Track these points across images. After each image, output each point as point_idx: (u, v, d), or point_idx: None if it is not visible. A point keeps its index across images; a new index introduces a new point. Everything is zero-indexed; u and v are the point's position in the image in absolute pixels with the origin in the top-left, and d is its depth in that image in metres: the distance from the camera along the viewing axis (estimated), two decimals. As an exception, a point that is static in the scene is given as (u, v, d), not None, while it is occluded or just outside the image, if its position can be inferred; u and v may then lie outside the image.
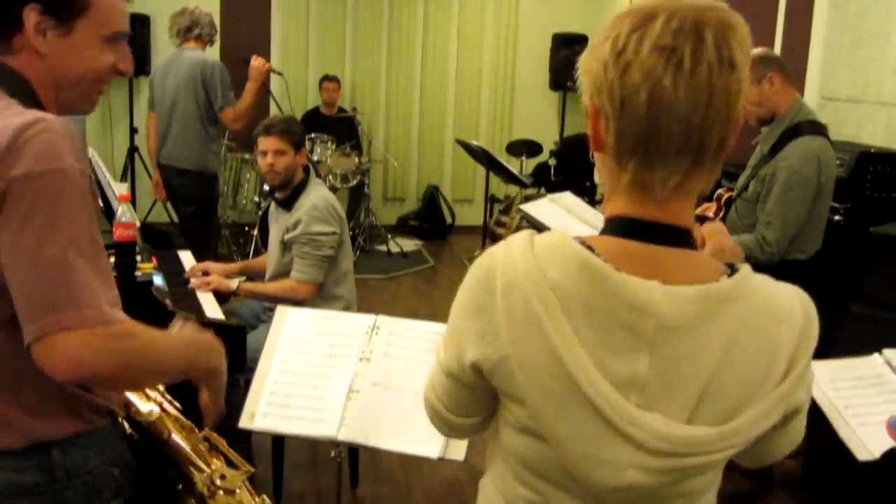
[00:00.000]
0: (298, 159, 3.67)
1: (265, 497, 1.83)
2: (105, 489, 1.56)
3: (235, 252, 7.12)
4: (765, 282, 1.17)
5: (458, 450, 2.30)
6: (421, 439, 2.31)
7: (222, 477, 1.76)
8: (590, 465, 1.13)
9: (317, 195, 3.67)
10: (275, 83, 5.64)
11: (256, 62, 5.20)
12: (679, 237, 1.16)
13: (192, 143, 5.24)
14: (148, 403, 1.81)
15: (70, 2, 1.48)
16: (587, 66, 1.17)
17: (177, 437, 1.78)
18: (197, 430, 1.84)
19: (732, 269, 1.16)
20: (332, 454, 2.55)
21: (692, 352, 1.11)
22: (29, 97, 1.49)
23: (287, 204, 3.71)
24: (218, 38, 5.39)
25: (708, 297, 1.10)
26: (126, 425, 1.73)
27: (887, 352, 2.50)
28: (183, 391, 1.82)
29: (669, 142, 1.10)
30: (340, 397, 2.41)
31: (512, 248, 1.15)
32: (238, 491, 1.76)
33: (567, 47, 8.71)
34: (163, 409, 1.82)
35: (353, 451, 3.71)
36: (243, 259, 6.28)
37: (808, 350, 1.15)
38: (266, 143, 3.63)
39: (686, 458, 1.11)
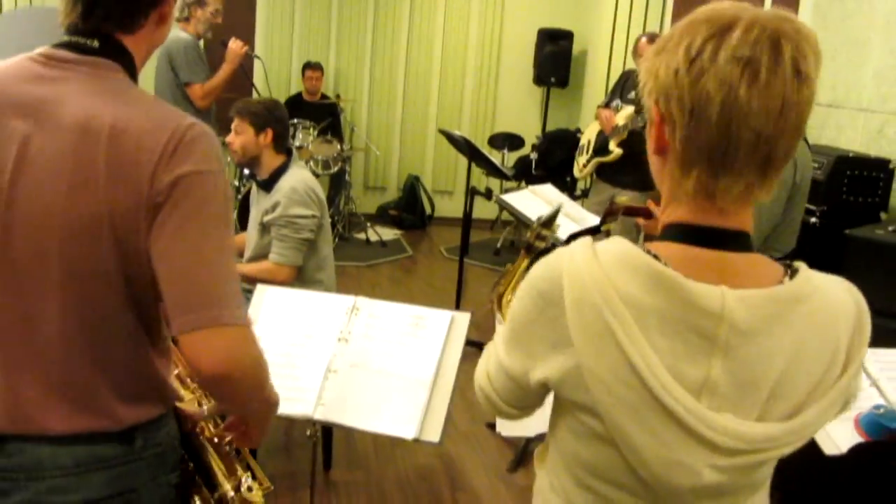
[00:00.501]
0: (262, 140, 3.64)
1: None
2: (169, 460, 1.62)
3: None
4: (820, 278, 1.18)
5: (434, 432, 2.32)
6: (397, 420, 2.32)
7: (249, 489, 1.78)
8: (668, 469, 1.14)
9: (297, 178, 3.65)
10: (256, 68, 5.65)
11: (234, 44, 5.21)
12: (741, 241, 1.18)
13: None
14: (190, 395, 1.82)
15: None
16: (654, 69, 1.16)
17: (209, 437, 1.80)
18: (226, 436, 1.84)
19: (791, 269, 1.19)
20: (308, 433, 2.56)
21: (764, 353, 1.13)
22: (133, 77, 1.52)
23: (267, 186, 3.71)
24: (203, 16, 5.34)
25: (777, 300, 1.13)
26: None
27: (858, 350, 2.54)
28: None
29: (738, 152, 1.11)
30: (318, 377, 2.42)
31: (576, 260, 1.15)
32: None
33: (552, 43, 8.74)
34: (200, 405, 1.83)
35: (327, 434, 3.72)
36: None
37: (863, 342, 1.18)
38: (233, 121, 3.69)
39: (758, 454, 1.14)
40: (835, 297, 1.18)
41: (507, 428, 2.49)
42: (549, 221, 1.75)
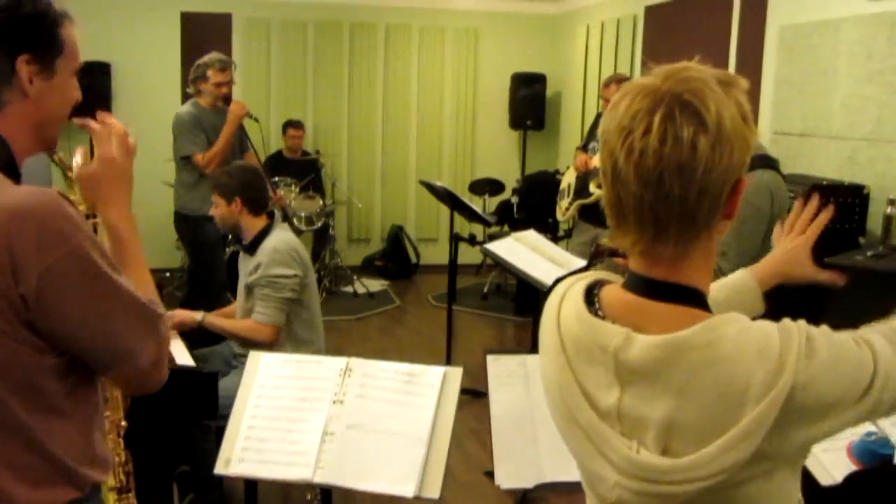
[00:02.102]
0: (234, 209, 3.70)
1: None
2: None
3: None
4: (734, 327, 1.19)
5: (433, 488, 2.33)
6: (396, 479, 2.34)
7: None
8: (592, 479, 1.29)
9: (278, 239, 3.69)
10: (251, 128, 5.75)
11: (235, 106, 5.33)
12: (667, 292, 1.24)
13: (176, 187, 5.52)
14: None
15: (52, 45, 1.51)
16: None
17: None
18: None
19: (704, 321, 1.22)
20: (308, 497, 2.57)
21: (653, 393, 1.20)
22: (7, 162, 1.50)
23: (251, 249, 3.75)
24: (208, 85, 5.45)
25: (667, 346, 1.18)
26: None
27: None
28: (171, 442, 1.83)
29: (629, 213, 1.21)
30: (315, 440, 2.44)
31: (552, 296, 1.37)
32: None
33: (526, 86, 8.86)
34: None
35: (326, 495, 3.71)
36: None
37: (773, 390, 1.14)
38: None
39: (659, 485, 1.18)
40: (739, 346, 1.16)
41: (505, 480, 2.51)
42: (591, 262, 1.80)
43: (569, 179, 5.78)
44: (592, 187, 5.44)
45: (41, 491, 1.49)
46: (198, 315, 3.69)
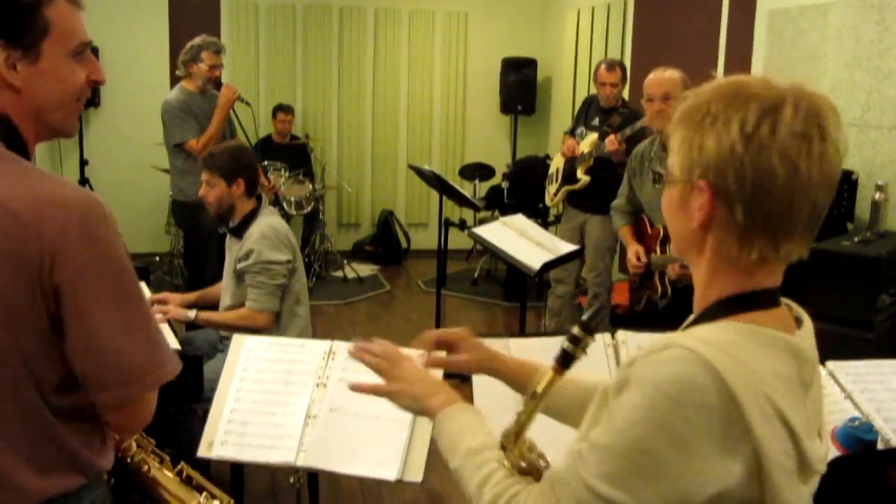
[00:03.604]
0: (235, 191, 3.66)
1: None
2: None
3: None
4: None
5: (416, 472, 2.33)
6: (378, 462, 2.33)
7: None
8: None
9: (266, 223, 3.67)
10: (242, 111, 5.73)
11: (226, 90, 5.29)
12: (777, 297, 1.27)
13: (172, 174, 5.52)
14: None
15: (30, 27, 1.43)
16: (695, 143, 1.20)
17: (157, 471, 1.81)
18: (171, 464, 1.87)
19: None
20: (291, 480, 2.56)
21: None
22: (11, 135, 1.47)
23: (238, 233, 3.73)
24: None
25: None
26: None
27: (830, 363, 2.58)
28: (156, 426, 1.84)
29: (799, 222, 1.18)
30: (298, 423, 2.43)
31: (725, 358, 1.13)
32: None
33: (516, 71, 8.84)
34: (138, 445, 1.84)
35: (313, 477, 3.71)
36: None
37: None
38: (202, 173, 3.70)
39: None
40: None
41: None
42: (593, 327, 1.32)
43: (557, 165, 5.76)
44: (580, 173, 5.42)
45: (50, 478, 1.49)
46: (191, 313, 3.67)
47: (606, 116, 5.40)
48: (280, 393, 2.51)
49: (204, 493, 1.85)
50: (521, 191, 7.84)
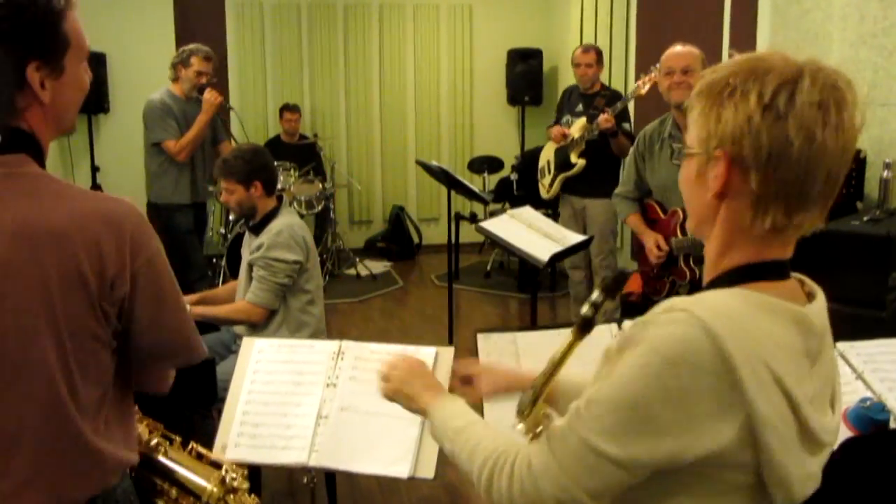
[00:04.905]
0: (253, 193, 3.68)
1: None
2: None
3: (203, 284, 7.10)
4: None
5: (428, 468, 2.34)
6: (390, 460, 2.34)
7: (233, 479, 1.95)
8: (804, 484, 1.22)
9: (284, 222, 3.69)
10: (232, 118, 5.77)
11: (209, 94, 5.33)
12: (786, 270, 1.29)
13: (147, 175, 5.55)
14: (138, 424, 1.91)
15: (57, 45, 1.48)
16: (713, 114, 1.22)
17: (175, 452, 1.92)
18: (180, 444, 1.99)
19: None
20: (305, 480, 2.58)
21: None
22: (38, 152, 1.53)
23: (257, 229, 3.76)
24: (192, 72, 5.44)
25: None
26: None
27: (840, 344, 2.57)
28: (163, 409, 1.93)
29: (813, 190, 1.19)
30: (310, 424, 2.45)
31: (729, 323, 1.15)
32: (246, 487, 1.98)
33: (522, 62, 8.82)
34: (150, 430, 1.94)
35: (330, 475, 3.73)
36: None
37: None
38: (220, 181, 3.75)
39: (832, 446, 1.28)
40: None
41: None
42: (615, 289, 1.32)
43: (547, 156, 5.83)
44: (574, 158, 5.48)
45: (90, 481, 1.58)
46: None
47: (590, 100, 5.63)
48: (291, 394, 2.52)
49: (223, 467, 1.98)
50: (531, 182, 7.81)
